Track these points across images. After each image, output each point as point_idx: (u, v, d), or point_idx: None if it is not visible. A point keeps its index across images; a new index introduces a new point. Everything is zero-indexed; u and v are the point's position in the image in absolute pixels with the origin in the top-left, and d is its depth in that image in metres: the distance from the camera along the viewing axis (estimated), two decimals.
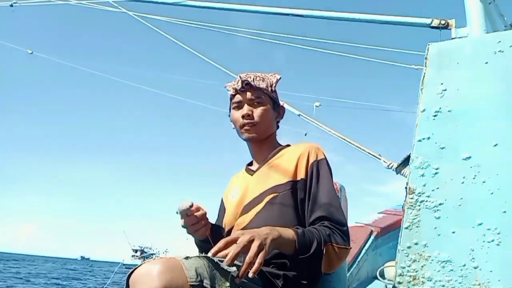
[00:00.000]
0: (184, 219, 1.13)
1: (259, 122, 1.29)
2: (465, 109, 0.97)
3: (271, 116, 1.33)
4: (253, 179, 1.30)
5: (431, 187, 0.97)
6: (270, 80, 1.33)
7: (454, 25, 1.24)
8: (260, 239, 0.89)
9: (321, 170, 1.20)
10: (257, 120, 1.29)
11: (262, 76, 1.32)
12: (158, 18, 3.14)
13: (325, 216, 1.10)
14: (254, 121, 1.28)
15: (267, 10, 1.89)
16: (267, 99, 1.32)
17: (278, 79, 1.35)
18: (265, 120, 1.30)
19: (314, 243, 1.01)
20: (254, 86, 1.29)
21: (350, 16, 1.55)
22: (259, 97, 1.30)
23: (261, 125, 1.29)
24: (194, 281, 0.84)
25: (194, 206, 1.13)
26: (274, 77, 1.35)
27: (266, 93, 1.31)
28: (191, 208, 1.12)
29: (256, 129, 1.29)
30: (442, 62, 1.02)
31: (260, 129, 1.30)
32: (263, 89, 1.30)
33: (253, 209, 1.20)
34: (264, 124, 1.30)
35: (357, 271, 2.29)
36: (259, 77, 1.31)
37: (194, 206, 1.13)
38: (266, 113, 1.30)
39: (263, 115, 1.29)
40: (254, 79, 1.30)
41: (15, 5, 3.53)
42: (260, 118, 1.29)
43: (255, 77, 1.30)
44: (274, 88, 1.34)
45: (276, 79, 1.35)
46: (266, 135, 1.33)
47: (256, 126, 1.29)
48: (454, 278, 0.92)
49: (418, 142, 1.00)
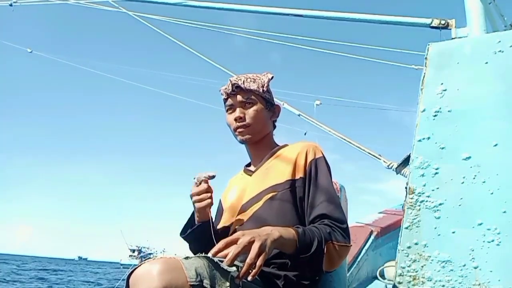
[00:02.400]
0: (198, 187, 1.17)
1: (251, 124, 1.29)
2: (465, 109, 0.97)
3: (264, 116, 1.33)
4: (252, 179, 1.30)
5: (431, 187, 0.97)
6: (261, 81, 1.32)
7: (454, 25, 1.24)
8: (261, 240, 0.89)
9: (320, 168, 1.20)
10: (249, 121, 1.29)
11: (254, 77, 1.32)
12: (158, 18, 3.14)
13: (324, 214, 1.10)
14: (246, 123, 1.29)
15: (266, 10, 1.89)
16: (259, 100, 1.31)
17: (270, 78, 1.34)
18: (258, 121, 1.30)
19: (314, 242, 1.01)
20: (244, 89, 1.29)
21: (350, 16, 1.56)
22: (250, 99, 1.30)
23: (254, 127, 1.30)
24: (194, 281, 0.84)
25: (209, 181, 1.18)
26: (266, 76, 1.34)
27: (257, 93, 1.31)
28: (211, 179, 1.16)
29: (250, 131, 1.30)
30: (442, 62, 1.02)
31: (254, 130, 1.30)
32: (253, 91, 1.30)
33: (251, 208, 1.20)
34: (258, 125, 1.30)
35: (357, 271, 2.29)
36: (250, 79, 1.31)
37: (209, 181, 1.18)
38: (259, 114, 1.30)
39: (255, 116, 1.29)
40: (244, 81, 1.30)
41: (15, 4, 3.53)
42: (252, 119, 1.29)
43: (245, 79, 1.30)
44: (266, 88, 1.33)
45: (268, 79, 1.34)
46: (261, 136, 1.34)
47: (249, 127, 1.29)
48: (454, 278, 0.92)
49: (418, 142, 1.00)
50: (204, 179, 1.16)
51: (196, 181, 1.17)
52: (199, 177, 1.17)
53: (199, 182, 1.17)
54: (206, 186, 1.16)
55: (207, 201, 1.16)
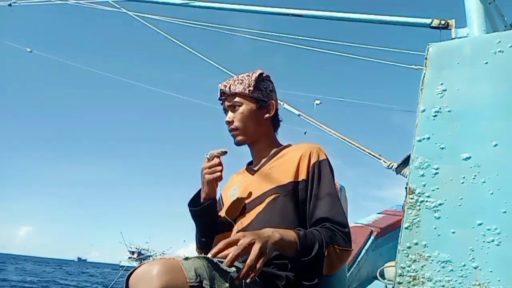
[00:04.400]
0: (210, 162, 1.22)
1: (239, 127, 1.30)
2: (465, 109, 0.97)
3: (254, 116, 1.31)
4: (254, 178, 1.30)
5: (431, 187, 0.97)
6: (248, 81, 1.30)
7: (454, 25, 1.24)
8: (261, 242, 0.89)
9: (323, 171, 1.20)
10: (237, 124, 1.30)
11: (242, 78, 1.31)
12: (158, 18, 3.14)
13: (326, 217, 1.10)
14: (233, 126, 1.31)
15: (267, 10, 1.89)
16: (246, 101, 1.30)
17: (257, 76, 1.32)
18: (246, 122, 1.30)
19: (316, 245, 1.00)
20: (229, 93, 1.31)
21: (350, 16, 1.56)
22: (236, 102, 1.31)
23: (243, 129, 1.30)
24: (194, 281, 0.84)
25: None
26: (253, 75, 1.32)
27: (244, 95, 1.30)
28: (223, 155, 1.23)
29: (241, 133, 1.31)
30: (442, 62, 1.02)
31: (245, 132, 1.31)
32: (239, 93, 1.30)
33: (254, 210, 1.20)
34: (247, 127, 1.30)
35: (357, 271, 2.29)
36: (238, 80, 1.31)
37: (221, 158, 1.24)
38: (247, 115, 1.30)
39: (241, 118, 1.30)
40: (231, 85, 1.31)
41: (14, 4, 3.53)
42: (239, 122, 1.30)
43: (233, 82, 1.31)
44: (253, 87, 1.30)
45: (255, 77, 1.31)
46: (257, 136, 1.33)
47: (239, 130, 1.30)
48: (454, 278, 0.92)
49: (418, 142, 1.00)
50: (217, 154, 1.23)
51: (209, 157, 1.23)
52: (212, 153, 1.23)
53: (211, 158, 1.23)
54: (218, 161, 1.22)
55: (218, 174, 1.21)
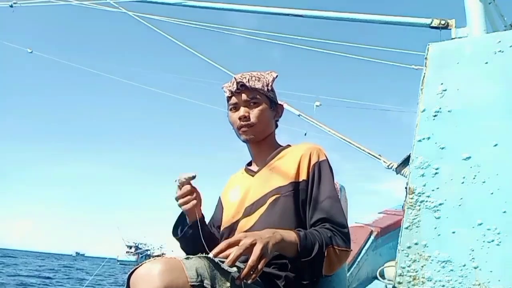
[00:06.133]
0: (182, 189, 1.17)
1: (256, 123, 1.28)
2: (465, 109, 0.97)
3: (268, 116, 1.31)
4: (255, 180, 1.29)
5: (431, 187, 0.97)
6: (266, 79, 1.31)
7: (454, 25, 1.25)
8: (263, 243, 0.89)
9: (323, 172, 1.20)
10: (254, 121, 1.27)
11: (258, 75, 1.30)
12: (158, 18, 3.14)
13: (326, 218, 1.10)
14: (250, 122, 1.27)
15: (266, 10, 1.89)
16: (263, 99, 1.30)
17: (274, 77, 1.33)
18: (262, 120, 1.29)
19: (315, 246, 1.01)
20: (249, 87, 1.27)
21: (350, 16, 1.56)
22: (255, 98, 1.28)
23: (258, 126, 1.28)
24: (195, 281, 0.84)
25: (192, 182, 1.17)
26: (270, 75, 1.32)
27: (262, 93, 1.29)
28: (192, 180, 1.16)
29: (254, 130, 1.28)
30: (442, 62, 1.02)
31: (258, 130, 1.29)
32: (258, 90, 1.28)
33: (257, 212, 1.20)
34: (262, 125, 1.29)
35: (357, 271, 2.29)
36: (255, 77, 1.29)
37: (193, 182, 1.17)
38: (263, 113, 1.29)
39: (259, 115, 1.28)
40: (249, 79, 1.28)
41: (15, 5, 3.53)
42: (257, 119, 1.28)
43: (250, 77, 1.28)
44: (270, 87, 1.32)
45: (272, 78, 1.32)
46: (265, 135, 1.33)
47: (253, 127, 1.28)
48: (454, 278, 0.92)
49: (418, 142, 1.00)
50: (186, 181, 1.16)
51: (179, 184, 1.17)
52: (180, 179, 1.17)
53: (181, 185, 1.17)
54: (189, 188, 1.17)
55: (192, 202, 1.17)
